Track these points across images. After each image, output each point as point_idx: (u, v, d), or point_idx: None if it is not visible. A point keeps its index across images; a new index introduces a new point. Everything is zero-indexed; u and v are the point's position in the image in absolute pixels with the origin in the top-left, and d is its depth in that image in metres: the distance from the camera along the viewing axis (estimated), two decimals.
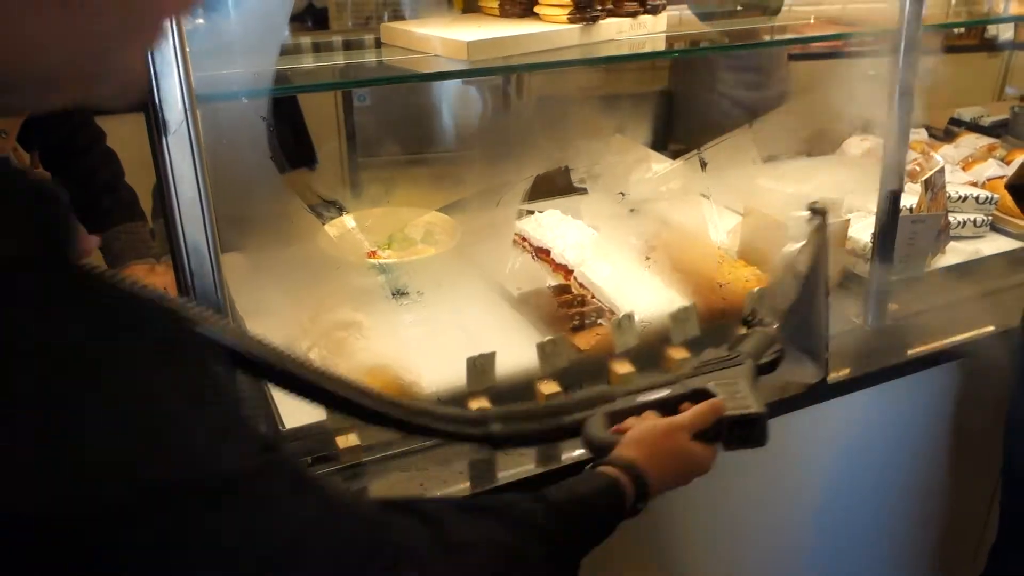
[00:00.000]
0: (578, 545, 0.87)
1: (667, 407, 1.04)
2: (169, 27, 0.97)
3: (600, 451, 0.99)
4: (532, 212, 1.97)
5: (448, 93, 4.01)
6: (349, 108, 3.66)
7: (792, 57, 3.02)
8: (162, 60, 0.96)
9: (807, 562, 1.68)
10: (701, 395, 1.04)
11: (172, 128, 1.00)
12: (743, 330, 1.21)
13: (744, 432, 0.99)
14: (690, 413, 1.01)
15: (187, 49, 0.98)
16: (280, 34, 1.22)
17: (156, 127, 0.99)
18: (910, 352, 1.56)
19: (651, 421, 1.01)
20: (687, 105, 3.03)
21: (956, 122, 2.74)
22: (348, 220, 1.81)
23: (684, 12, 1.88)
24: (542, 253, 1.83)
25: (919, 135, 2.54)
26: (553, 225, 1.86)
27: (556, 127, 2.94)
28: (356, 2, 3.54)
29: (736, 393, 1.02)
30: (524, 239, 1.91)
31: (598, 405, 1.05)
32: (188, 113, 1.00)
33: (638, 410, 1.04)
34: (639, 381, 1.13)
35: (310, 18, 3.77)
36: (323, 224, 1.76)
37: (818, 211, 1.17)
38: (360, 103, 3.70)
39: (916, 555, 1.88)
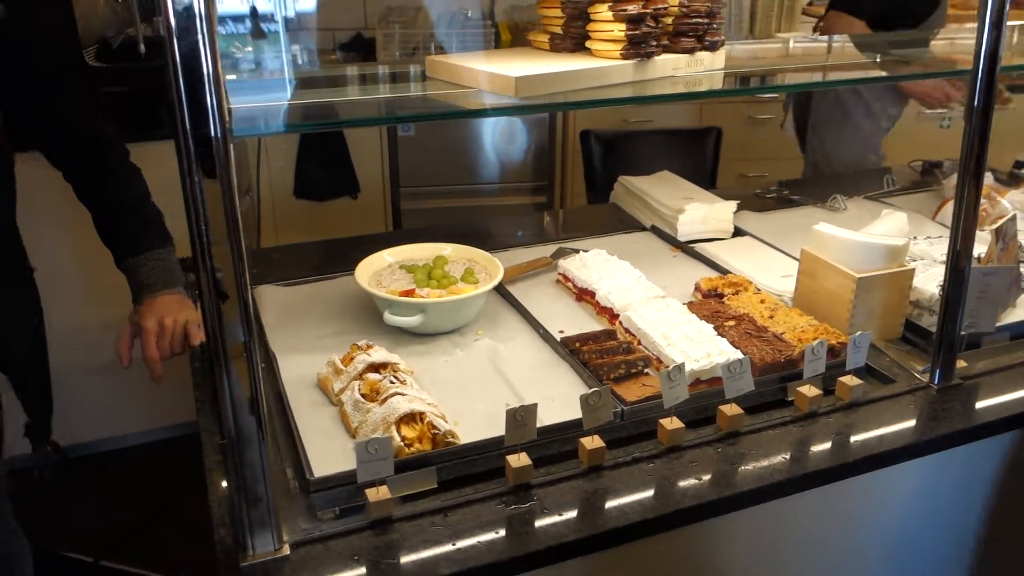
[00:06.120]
0: None
1: None
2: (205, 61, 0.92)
3: None
4: (578, 251, 1.91)
5: (494, 125, 3.98)
6: (394, 138, 3.64)
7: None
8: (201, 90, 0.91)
9: None
10: None
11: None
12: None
13: None
14: None
15: (223, 81, 0.93)
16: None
17: (187, 162, 0.94)
18: (979, 415, 1.45)
19: None
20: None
21: (1021, 164, 2.63)
22: (386, 255, 1.75)
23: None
24: (586, 294, 1.76)
25: (984, 179, 2.42)
26: (598, 266, 1.79)
27: (603, 162, 2.88)
28: (403, 34, 3.53)
29: None
30: (567, 278, 1.84)
31: None
32: (221, 146, 0.95)
33: None
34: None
35: (358, 48, 3.78)
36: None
37: None
38: (405, 132, 3.68)
39: None
